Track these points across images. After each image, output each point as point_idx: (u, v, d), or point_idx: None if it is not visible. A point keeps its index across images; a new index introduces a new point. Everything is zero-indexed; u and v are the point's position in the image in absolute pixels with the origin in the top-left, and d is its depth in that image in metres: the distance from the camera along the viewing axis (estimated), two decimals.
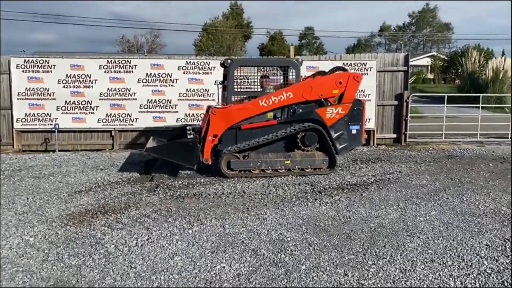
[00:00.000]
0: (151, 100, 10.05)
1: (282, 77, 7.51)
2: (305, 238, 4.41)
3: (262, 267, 3.76)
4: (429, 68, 40.78)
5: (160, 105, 10.09)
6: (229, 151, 7.02)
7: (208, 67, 10.14)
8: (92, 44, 75.62)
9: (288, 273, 3.65)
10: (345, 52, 53.58)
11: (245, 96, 7.48)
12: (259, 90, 7.58)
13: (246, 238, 4.42)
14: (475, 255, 4.02)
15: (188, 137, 7.39)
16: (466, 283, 3.48)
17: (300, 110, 7.20)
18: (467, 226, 4.78)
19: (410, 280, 3.53)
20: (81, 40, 75.28)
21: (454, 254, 4.03)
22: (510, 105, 18.82)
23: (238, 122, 7.03)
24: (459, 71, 24.30)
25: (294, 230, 4.64)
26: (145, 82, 10.04)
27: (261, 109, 7.05)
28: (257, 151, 7.20)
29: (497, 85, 20.73)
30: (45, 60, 9.77)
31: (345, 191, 6.22)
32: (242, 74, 7.70)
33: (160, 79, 10.06)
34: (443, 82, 35.93)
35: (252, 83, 7.74)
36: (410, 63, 11.01)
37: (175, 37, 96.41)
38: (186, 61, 10.14)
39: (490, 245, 4.24)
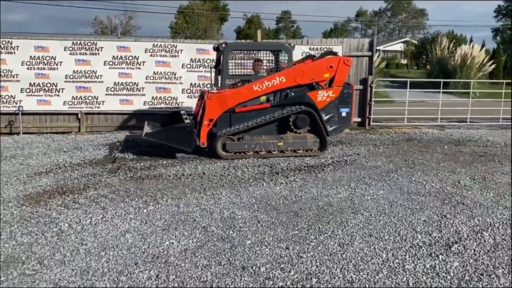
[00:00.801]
0: (118, 82, 10.02)
1: (275, 61, 7.65)
2: (255, 216, 4.61)
3: (209, 243, 3.95)
4: (402, 53, 41.41)
5: (127, 88, 10.07)
6: (224, 133, 7.21)
7: (176, 50, 10.14)
8: (64, 25, 73.62)
9: (233, 248, 3.84)
10: (322, 36, 53.81)
11: (238, 80, 7.56)
12: (251, 74, 7.69)
13: (199, 216, 4.60)
14: (411, 230, 4.29)
15: (186, 121, 7.51)
16: (397, 255, 3.74)
17: (292, 94, 7.43)
18: (410, 204, 5.06)
19: (346, 253, 3.77)
20: (53, 21, 73.25)
21: (392, 229, 4.29)
22: (476, 91, 19.48)
23: (233, 106, 7.21)
24: (429, 57, 24.78)
25: (246, 209, 4.83)
26: (112, 65, 9.99)
27: (255, 93, 7.26)
28: (250, 133, 7.39)
29: (465, 71, 21.29)
30: (8, 41, 9.61)
31: (301, 172, 6.45)
32: (235, 58, 7.77)
33: (127, 62, 10.02)
34: (416, 67, 36.61)
35: (245, 67, 7.81)
36: (385, 48, 11.32)
37: (150, 19, 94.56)
38: (153, 44, 10.10)
39: (427, 221, 4.53)
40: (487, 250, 3.85)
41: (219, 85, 7.61)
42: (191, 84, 10.19)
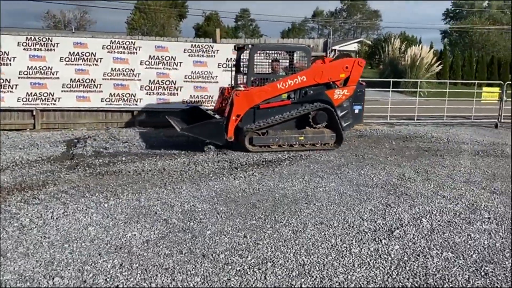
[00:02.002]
0: (75, 79, 9.92)
1: (296, 61, 8.20)
2: (215, 208, 4.84)
3: (171, 234, 4.14)
4: (357, 53, 42.72)
5: (84, 85, 9.99)
6: (251, 128, 7.62)
7: (134, 47, 10.15)
8: (14, 18, 70.22)
9: (194, 238, 4.06)
10: (280, 36, 54.49)
11: (259, 78, 7.91)
12: (271, 73, 8.16)
13: (160, 209, 4.77)
14: (359, 218, 4.67)
15: (217, 117, 7.85)
16: (345, 240, 4.09)
17: (311, 92, 7.97)
18: (358, 195, 5.46)
19: (299, 239, 4.08)
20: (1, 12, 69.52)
21: (341, 217, 4.65)
22: (424, 90, 20.57)
23: (258, 103, 7.64)
24: (382, 57, 25.81)
25: (206, 202, 5.05)
26: (68, 61, 9.87)
27: (278, 91, 7.74)
28: (274, 128, 7.81)
29: (414, 71, 22.38)
30: None
31: (259, 167, 6.73)
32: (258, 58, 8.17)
33: (83, 58, 9.93)
34: (369, 67, 37.91)
35: (264, 67, 8.26)
36: (341, 48, 11.81)
37: (106, 14, 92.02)
38: (111, 40, 10.07)
39: (373, 209, 4.93)
40: (425, 234, 4.27)
41: (239, 83, 8.12)
42: (150, 81, 10.24)
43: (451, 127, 11.35)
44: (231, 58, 10.43)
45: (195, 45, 10.37)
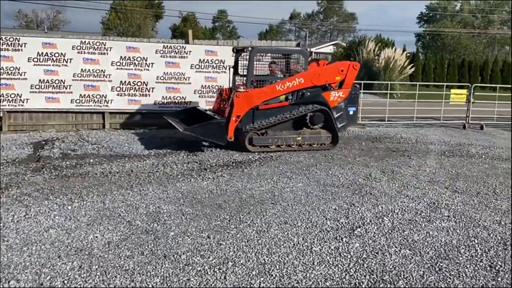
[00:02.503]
0: (43, 80, 9.74)
1: (292, 64, 8.44)
2: (180, 210, 4.84)
3: (133, 235, 4.12)
4: (332, 55, 43.21)
5: (53, 86, 9.82)
6: (251, 129, 7.77)
7: (105, 48, 10.03)
8: None
9: (157, 239, 4.05)
10: (258, 37, 54.65)
11: (257, 80, 8.04)
12: (268, 74, 8.33)
13: (124, 211, 4.74)
14: (322, 217, 4.74)
15: (217, 117, 7.94)
16: (307, 239, 4.15)
17: (308, 94, 8.18)
18: (324, 194, 5.54)
19: (262, 239, 4.12)
20: None
21: (305, 217, 4.72)
22: (397, 92, 20.97)
23: (258, 104, 7.79)
24: (356, 59, 26.18)
25: (172, 203, 5.04)
26: (37, 62, 9.68)
27: (277, 93, 7.92)
28: (272, 128, 7.98)
29: (388, 73, 22.78)
30: None
31: (229, 168, 6.75)
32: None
33: (53, 59, 9.76)
34: None
35: (262, 68, 8.38)
36: (317, 50, 11.94)
37: (81, 14, 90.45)
38: (81, 41, 9.92)
39: (337, 209, 5.01)
40: (385, 232, 4.37)
41: (236, 84, 8.30)
42: (121, 82, 10.14)
43: (420, 128, 11.61)
44: (203, 59, 10.45)
45: (167, 46, 10.32)
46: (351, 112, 8.68)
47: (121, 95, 10.18)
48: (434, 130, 11.45)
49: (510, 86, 23.10)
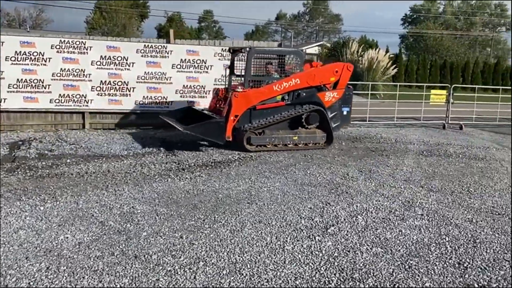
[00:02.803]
0: (21, 79, 9.58)
1: (287, 65, 8.59)
2: (154, 210, 4.81)
3: (105, 236, 4.08)
4: (317, 56, 43.46)
5: (32, 85, 9.67)
6: (250, 128, 7.85)
7: (84, 47, 9.92)
8: None
9: (128, 239, 4.02)
10: (244, 38, 54.64)
11: (253, 80, 8.13)
12: (264, 75, 8.38)
13: (97, 212, 4.69)
14: (297, 216, 4.76)
15: (217, 117, 7.91)
16: (280, 237, 4.16)
17: (304, 94, 8.34)
18: (300, 194, 5.56)
19: (235, 238, 4.12)
20: None
21: (280, 216, 4.73)
22: (380, 92, 21.16)
23: (255, 104, 7.90)
24: (340, 60, 26.35)
25: (147, 204, 5.01)
26: (14, 61, 9.52)
27: (274, 93, 8.06)
28: (269, 128, 8.07)
29: (371, 74, 22.98)
30: None
31: (207, 168, 6.73)
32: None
33: (31, 58, 9.61)
34: None
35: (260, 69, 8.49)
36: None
37: (64, 13, 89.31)
38: (60, 40, 9.78)
39: (313, 208, 5.04)
40: (358, 231, 4.41)
41: (233, 84, 8.36)
42: (101, 81, 10.03)
43: (401, 128, 11.73)
44: (185, 59, 10.40)
45: (148, 45, 10.25)
46: (344, 112, 8.91)
47: (101, 95, 10.08)
48: (414, 130, 11.58)
49: (490, 87, 23.52)
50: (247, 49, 8.23)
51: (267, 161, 7.33)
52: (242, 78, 8.36)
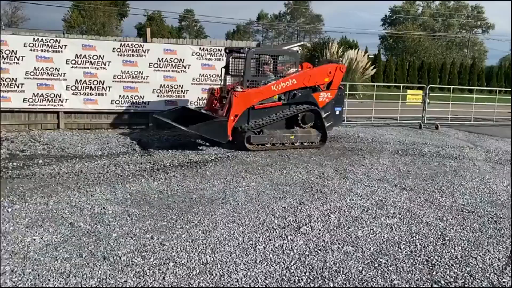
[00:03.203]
0: None
1: (284, 65, 8.95)
2: (126, 211, 4.74)
3: (74, 237, 4.01)
4: None
5: (4, 84, 9.44)
6: (250, 128, 7.93)
7: (59, 45, 9.73)
8: None
9: (98, 241, 3.95)
10: (225, 37, 54.53)
11: (251, 80, 8.26)
12: (261, 75, 8.46)
13: (67, 213, 4.60)
14: (271, 215, 4.76)
15: (219, 117, 7.97)
16: (252, 237, 4.15)
17: (299, 94, 8.56)
18: (276, 193, 5.57)
19: (207, 238, 4.09)
20: None
21: (254, 216, 4.72)
22: (359, 92, 21.37)
23: (254, 103, 8.01)
24: (320, 60, 26.55)
25: (119, 204, 4.94)
26: None
27: (272, 93, 8.22)
28: (267, 127, 8.16)
29: (351, 74, 23.18)
30: None
31: (183, 168, 6.68)
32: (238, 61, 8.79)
33: (3, 56, 9.38)
34: None
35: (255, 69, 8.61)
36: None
37: (41, 11, 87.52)
38: (34, 38, 9.58)
39: (287, 207, 5.05)
40: (330, 229, 4.43)
41: (232, 84, 8.47)
42: (77, 80, 9.86)
43: (378, 128, 11.86)
44: (162, 58, 10.30)
45: (124, 44, 10.12)
46: (337, 112, 9.16)
47: (76, 94, 9.91)
48: (391, 129, 11.73)
49: (466, 87, 23.99)
50: (246, 49, 8.34)
51: (244, 161, 7.32)
52: (236, 78, 8.58)
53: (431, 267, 3.70)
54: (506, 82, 29.71)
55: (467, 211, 5.20)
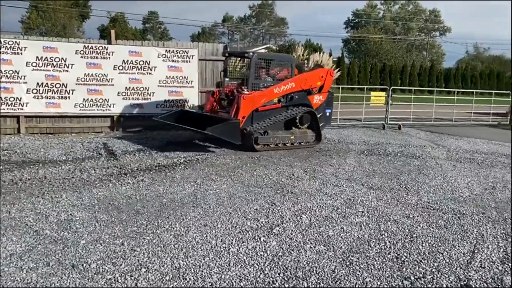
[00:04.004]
0: None
1: (275, 69, 9.19)
2: (94, 217, 4.61)
3: (40, 245, 3.86)
4: None
5: None
6: (257, 129, 8.25)
7: (18, 47, 9.39)
8: None
9: (66, 248, 3.82)
10: (190, 40, 54.15)
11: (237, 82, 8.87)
12: (260, 78, 8.82)
13: (32, 220, 4.43)
14: (243, 217, 4.75)
15: (232, 119, 8.13)
16: (225, 240, 4.13)
17: (296, 97, 8.93)
18: (247, 195, 5.57)
19: (179, 243, 4.04)
20: None
21: (226, 218, 4.70)
22: None
23: (259, 106, 8.38)
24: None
25: (86, 210, 4.80)
26: None
27: (274, 95, 8.63)
28: (270, 128, 8.48)
29: None
30: None
31: (151, 172, 6.57)
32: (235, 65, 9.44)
33: None
34: None
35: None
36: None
37: None
38: None
39: (258, 209, 5.06)
40: (302, 229, 4.48)
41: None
42: (38, 83, 9.53)
43: (344, 129, 12.10)
44: (127, 60, 10.12)
45: (88, 46, 9.87)
46: (327, 113, 9.70)
47: (38, 98, 9.58)
48: (356, 130, 11.98)
49: (426, 88, 24.83)
50: (251, 54, 8.77)
51: (214, 163, 7.28)
52: (234, 81, 9.07)
53: (400, 264, 3.79)
54: (463, 83, 30.97)
55: (432, 208, 5.38)
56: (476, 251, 4.11)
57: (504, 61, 51.50)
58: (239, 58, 9.58)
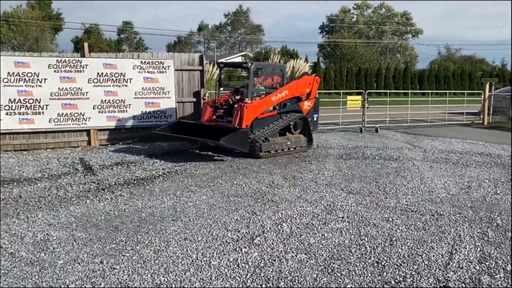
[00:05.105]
0: None
1: (276, 77, 9.60)
2: (72, 235, 4.52)
3: (16, 268, 3.76)
4: None
5: None
6: (260, 137, 8.44)
7: None
8: None
9: (43, 270, 3.73)
10: (166, 49, 53.87)
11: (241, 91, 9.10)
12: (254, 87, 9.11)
13: (7, 242, 4.31)
14: (224, 229, 4.73)
15: (241, 128, 8.28)
16: (206, 253, 4.10)
17: (289, 104, 9.32)
18: (227, 205, 5.55)
19: (159, 258, 3.99)
20: None
21: (206, 231, 4.67)
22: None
23: (258, 114, 8.63)
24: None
25: (63, 229, 4.70)
26: None
27: (272, 103, 8.96)
28: (270, 135, 8.70)
29: None
30: None
31: (129, 186, 6.49)
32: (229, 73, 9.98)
33: None
34: None
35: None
36: (227, 61, 12.26)
37: None
38: None
39: (239, 219, 5.04)
40: (283, 238, 4.48)
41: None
42: (10, 100, 9.31)
43: (322, 134, 12.19)
44: (102, 73, 10.00)
45: (61, 60, 9.71)
46: (315, 118, 10.06)
47: (10, 114, 9.35)
48: (334, 134, 12.11)
49: (401, 91, 25.25)
50: (249, 64, 9.00)
51: (193, 174, 7.24)
52: (227, 90, 9.56)
53: (381, 268, 3.83)
54: (436, 84, 31.66)
55: (410, 210, 5.46)
56: (454, 252, 4.19)
57: (475, 61, 52.92)
58: (231, 68, 10.14)
